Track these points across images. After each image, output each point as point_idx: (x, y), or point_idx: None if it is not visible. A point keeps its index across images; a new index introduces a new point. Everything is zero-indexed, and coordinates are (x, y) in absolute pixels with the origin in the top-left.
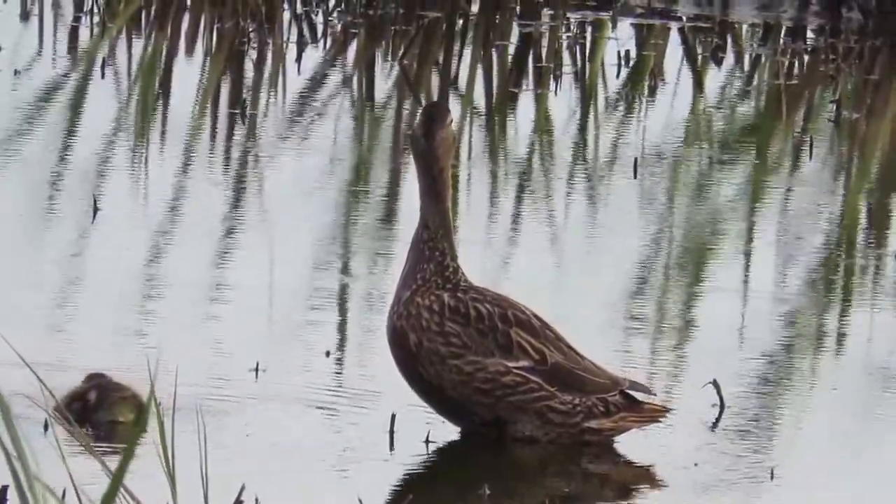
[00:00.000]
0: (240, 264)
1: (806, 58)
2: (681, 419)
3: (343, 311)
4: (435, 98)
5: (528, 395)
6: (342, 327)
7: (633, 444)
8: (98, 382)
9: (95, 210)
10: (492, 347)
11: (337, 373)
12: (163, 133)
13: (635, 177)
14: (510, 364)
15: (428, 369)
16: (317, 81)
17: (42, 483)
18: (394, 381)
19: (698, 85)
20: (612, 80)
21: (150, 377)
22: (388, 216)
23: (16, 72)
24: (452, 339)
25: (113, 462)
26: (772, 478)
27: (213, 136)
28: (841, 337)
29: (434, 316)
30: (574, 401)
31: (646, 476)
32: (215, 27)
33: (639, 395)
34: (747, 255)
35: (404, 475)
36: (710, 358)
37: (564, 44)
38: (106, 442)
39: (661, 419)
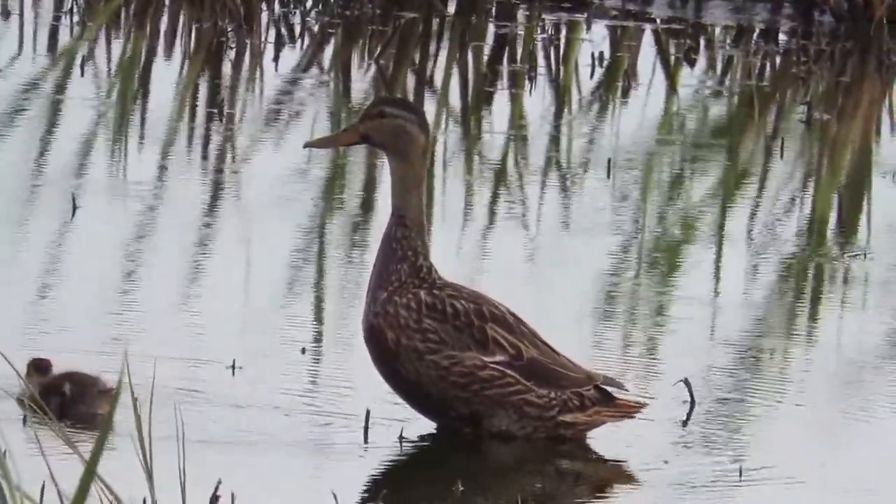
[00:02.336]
0: (216, 262)
1: (778, 60)
2: (652, 416)
3: (318, 308)
4: (411, 98)
5: (504, 388)
6: (318, 325)
7: (605, 441)
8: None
9: (74, 207)
10: (468, 343)
11: (312, 370)
12: (141, 131)
13: (608, 176)
14: (486, 359)
15: (406, 366)
16: (294, 81)
17: (19, 486)
18: (368, 378)
19: (671, 86)
20: (586, 80)
21: (128, 373)
22: (365, 214)
23: None
24: (430, 335)
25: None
26: (740, 475)
27: (191, 135)
28: (810, 336)
29: (412, 313)
30: (550, 394)
31: (618, 473)
32: (194, 27)
33: (612, 391)
34: (718, 253)
35: (378, 471)
36: (682, 356)
37: (539, 45)
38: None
39: (635, 414)
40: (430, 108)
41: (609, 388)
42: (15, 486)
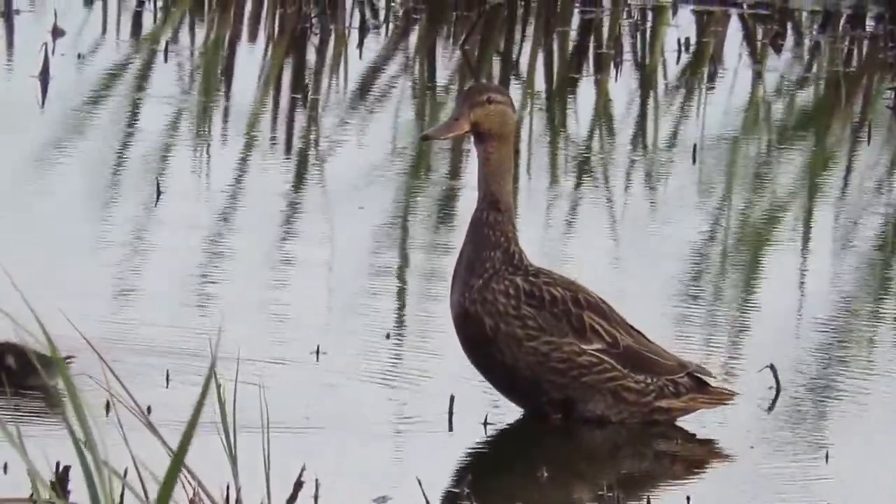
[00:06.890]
0: (300, 247)
1: (865, 45)
2: (738, 402)
3: (402, 293)
4: (496, 83)
5: (602, 374)
6: (401, 310)
7: (690, 427)
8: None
9: (159, 193)
10: (566, 330)
11: (396, 355)
12: (225, 117)
13: (694, 162)
14: (584, 346)
15: (504, 352)
16: (378, 67)
17: (107, 464)
18: (453, 363)
19: (757, 72)
20: (672, 66)
21: (213, 358)
22: (448, 200)
23: (79, 56)
24: (529, 321)
25: (174, 441)
26: (826, 461)
27: (274, 121)
28: None
29: (511, 300)
30: (647, 380)
31: (704, 459)
32: (278, 12)
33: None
34: (805, 240)
35: (463, 456)
36: (768, 342)
37: (625, 30)
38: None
39: (727, 402)
40: (515, 93)
41: (699, 376)
42: (103, 462)
